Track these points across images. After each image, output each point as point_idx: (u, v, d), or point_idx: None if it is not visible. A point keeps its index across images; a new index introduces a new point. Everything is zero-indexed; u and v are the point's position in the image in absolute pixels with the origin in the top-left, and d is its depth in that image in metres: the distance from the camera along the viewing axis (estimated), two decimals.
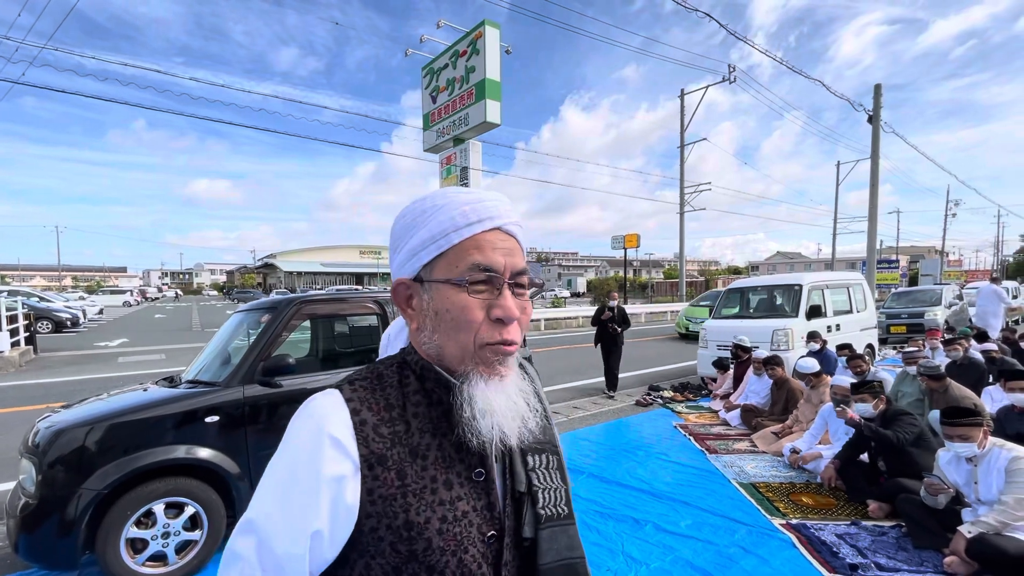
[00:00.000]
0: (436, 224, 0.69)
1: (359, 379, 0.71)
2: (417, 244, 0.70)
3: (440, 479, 0.66)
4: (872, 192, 16.82)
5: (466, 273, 0.67)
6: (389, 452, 0.65)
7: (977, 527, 2.78)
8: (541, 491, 0.74)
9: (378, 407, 0.68)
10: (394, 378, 0.72)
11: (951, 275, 34.76)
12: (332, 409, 0.66)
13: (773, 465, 4.57)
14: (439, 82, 16.04)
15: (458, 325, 0.67)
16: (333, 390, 0.69)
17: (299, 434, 0.65)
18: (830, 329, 7.87)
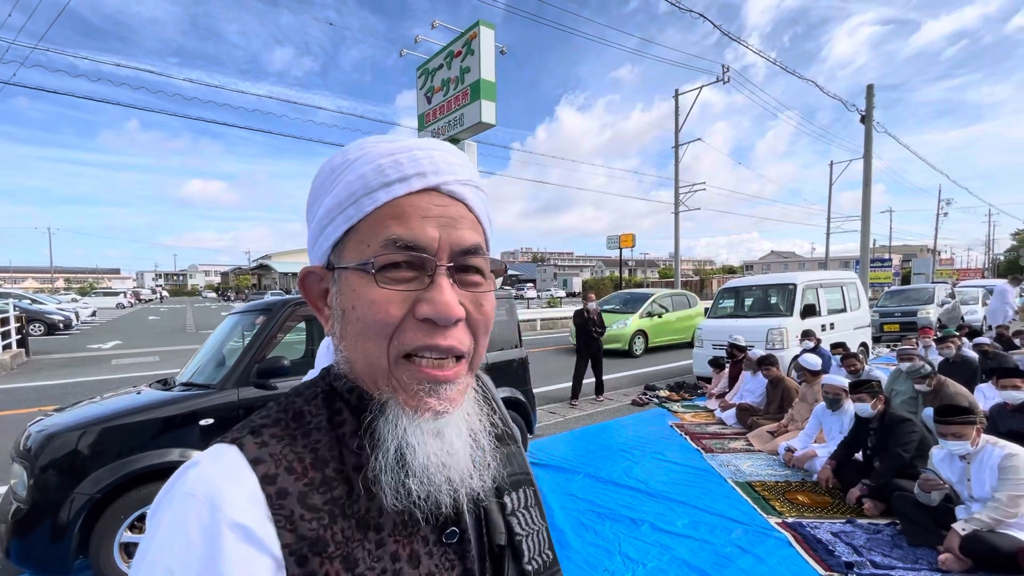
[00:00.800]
0: (344, 187, 0.49)
1: (267, 423, 0.49)
2: (323, 216, 0.50)
3: (403, 554, 0.47)
4: (865, 192, 16.93)
5: (382, 255, 0.47)
6: (328, 532, 0.44)
7: (971, 524, 2.80)
8: (525, 539, 0.57)
9: (303, 465, 0.46)
10: (320, 416, 0.50)
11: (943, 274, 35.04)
12: (229, 480, 0.43)
13: (769, 464, 4.59)
14: (434, 83, 16.02)
15: (364, 328, 0.47)
16: (226, 446, 0.46)
17: (178, 531, 0.41)
18: (824, 328, 7.92)
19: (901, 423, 3.72)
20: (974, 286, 16.57)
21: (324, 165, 0.53)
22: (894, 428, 3.72)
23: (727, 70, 20.11)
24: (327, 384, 0.53)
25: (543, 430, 5.75)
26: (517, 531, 0.57)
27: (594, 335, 7.16)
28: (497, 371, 4.49)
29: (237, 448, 0.46)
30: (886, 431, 3.75)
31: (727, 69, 20.13)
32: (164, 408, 2.95)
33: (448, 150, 0.52)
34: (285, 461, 0.46)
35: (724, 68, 20.21)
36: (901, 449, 3.58)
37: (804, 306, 7.72)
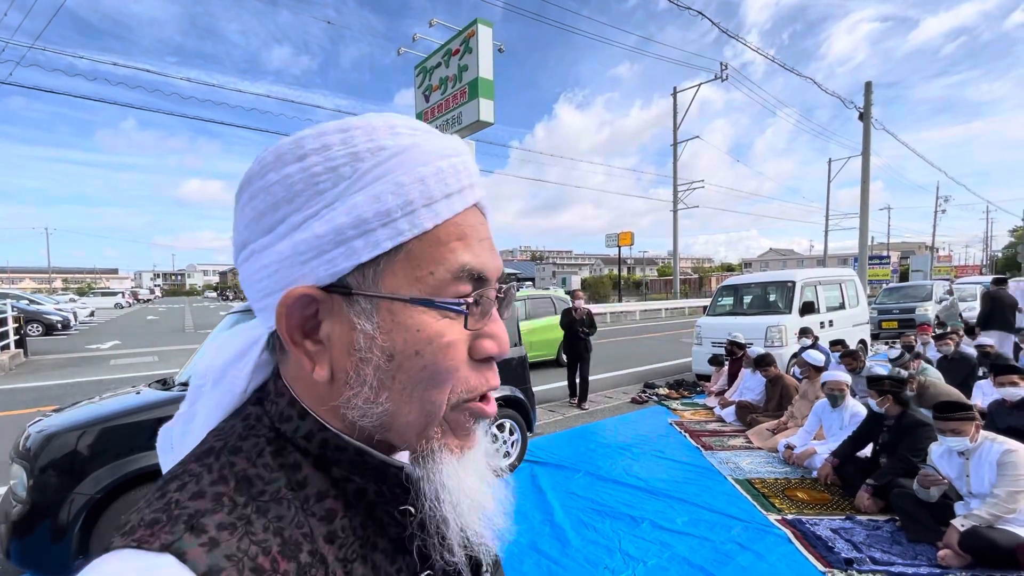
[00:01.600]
0: (391, 187, 0.38)
1: (205, 508, 0.35)
2: (349, 222, 0.37)
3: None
4: (863, 189, 16.96)
5: (450, 286, 0.40)
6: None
7: (970, 520, 2.81)
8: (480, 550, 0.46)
9: (270, 558, 0.35)
10: (277, 479, 0.38)
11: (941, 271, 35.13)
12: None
13: (768, 461, 4.60)
14: (432, 81, 16.01)
15: (433, 377, 0.39)
16: (154, 556, 0.32)
17: None
18: (823, 325, 7.94)
19: (920, 427, 3.58)
20: (972, 283, 16.61)
21: (328, 137, 0.39)
22: (911, 431, 3.62)
23: (725, 68, 20.12)
24: (270, 430, 0.41)
25: (543, 428, 5.76)
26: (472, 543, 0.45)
27: (581, 335, 6.80)
28: (497, 368, 4.49)
29: (176, 559, 0.32)
30: (903, 431, 3.67)
31: (725, 67, 20.15)
32: (164, 408, 2.95)
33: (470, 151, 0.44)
34: (248, 560, 0.34)
35: (722, 66, 20.22)
36: (911, 454, 3.50)
37: (803, 303, 7.73)
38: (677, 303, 25.92)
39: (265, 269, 0.40)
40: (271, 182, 0.39)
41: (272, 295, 0.40)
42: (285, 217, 0.39)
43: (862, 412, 4.30)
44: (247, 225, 0.41)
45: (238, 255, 0.43)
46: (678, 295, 27.84)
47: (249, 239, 0.41)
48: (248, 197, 0.40)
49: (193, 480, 0.37)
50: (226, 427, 0.42)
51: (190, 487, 0.36)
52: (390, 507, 0.42)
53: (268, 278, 0.40)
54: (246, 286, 0.43)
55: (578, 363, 6.80)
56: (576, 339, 6.78)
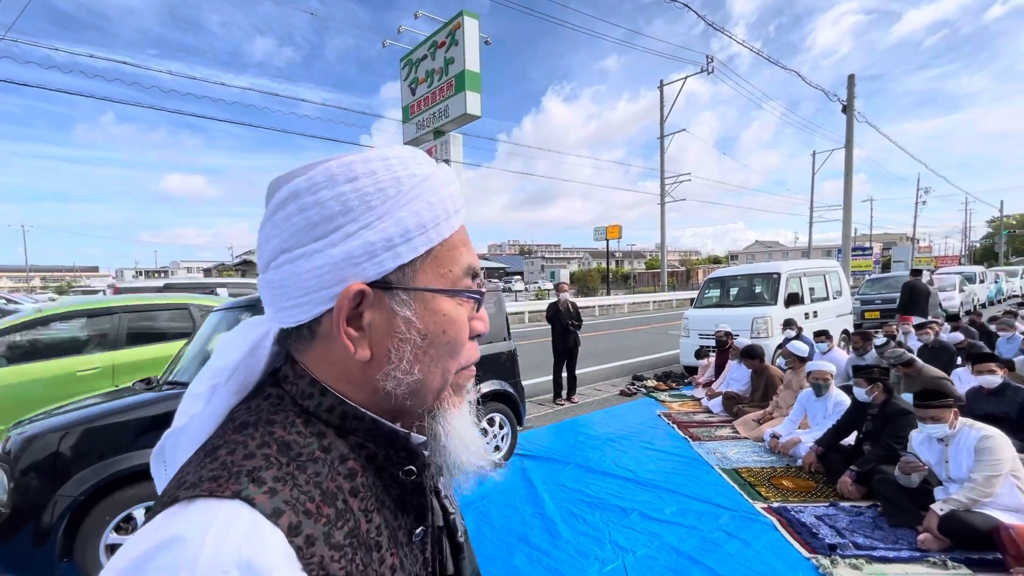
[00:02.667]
0: (426, 205, 0.49)
1: (259, 465, 0.43)
2: (397, 232, 0.48)
3: (397, 564, 0.50)
4: (847, 181, 17.20)
5: (464, 280, 0.53)
6: (352, 565, 0.43)
7: (949, 505, 2.88)
8: (456, 517, 0.64)
9: (315, 504, 0.43)
10: (311, 444, 0.47)
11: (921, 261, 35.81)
12: (258, 544, 0.38)
13: (754, 451, 4.67)
14: (418, 73, 15.89)
15: (453, 349, 0.52)
16: (229, 503, 0.40)
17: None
18: (808, 316, 8.05)
19: (903, 415, 3.65)
20: (951, 273, 16.96)
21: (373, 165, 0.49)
22: (894, 419, 3.69)
23: (711, 60, 20.20)
24: (294, 405, 0.49)
25: (533, 422, 5.79)
26: (450, 510, 0.64)
27: (570, 328, 6.69)
28: (486, 364, 4.50)
29: (246, 504, 0.40)
30: (885, 420, 3.74)
31: (711, 60, 20.23)
32: (149, 407, 2.91)
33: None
34: (300, 505, 0.42)
35: (708, 59, 20.30)
36: (894, 441, 3.57)
37: (788, 295, 7.84)
38: (665, 296, 26.13)
39: (316, 270, 0.47)
40: (325, 198, 0.47)
41: (315, 292, 0.47)
42: (340, 227, 0.47)
43: (846, 401, 4.38)
44: (295, 233, 0.48)
45: (273, 259, 0.49)
46: (666, 288, 28.06)
47: (294, 245, 0.48)
48: (298, 209, 0.47)
49: (240, 446, 0.45)
50: (251, 406, 0.49)
51: (240, 451, 0.44)
52: (395, 469, 0.52)
53: (316, 278, 0.47)
54: (279, 287, 0.49)
55: (565, 358, 6.75)
56: (565, 332, 6.69)
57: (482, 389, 4.39)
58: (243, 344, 0.51)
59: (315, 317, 0.49)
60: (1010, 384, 4.19)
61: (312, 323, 0.49)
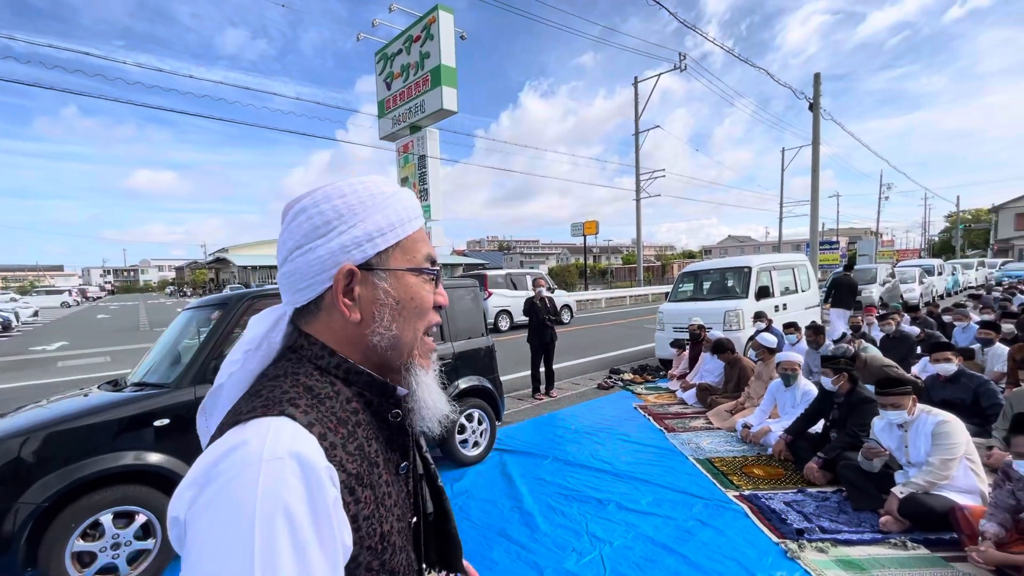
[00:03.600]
0: (393, 212, 0.69)
1: (295, 397, 0.60)
2: (374, 229, 0.67)
3: (390, 480, 0.67)
4: (814, 177, 17.67)
5: (424, 263, 0.71)
6: (361, 468, 0.61)
7: (908, 488, 3.02)
8: (435, 466, 0.88)
9: (334, 424, 0.61)
10: (327, 387, 0.64)
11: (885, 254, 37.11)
12: (303, 441, 0.54)
13: (727, 440, 4.80)
14: (393, 68, 15.68)
15: (420, 312, 0.70)
16: (275, 419, 0.56)
17: (276, 485, 0.50)
18: (777, 309, 8.27)
19: (867, 403, 3.78)
20: (912, 266, 17.63)
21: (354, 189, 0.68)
22: (858, 407, 3.83)
23: (684, 58, 20.47)
24: (314, 364, 0.66)
25: (512, 416, 5.82)
26: (430, 461, 0.86)
27: (547, 323, 6.75)
28: (465, 360, 4.50)
29: (289, 419, 0.56)
30: (851, 408, 3.88)
31: (684, 57, 20.50)
32: (115, 410, 2.83)
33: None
34: (325, 422, 0.60)
35: (681, 56, 20.57)
36: (858, 428, 3.70)
37: (758, 288, 8.04)
38: (641, 290, 26.47)
39: (319, 260, 0.65)
40: (324, 208, 0.66)
41: (319, 275, 0.66)
42: (335, 228, 0.66)
43: (813, 390, 4.53)
44: (304, 235, 0.66)
45: (289, 255, 0.67)
46: (642, 282, 28.41)
47: (303, 243, 0.66)
48: (305, 218, 0.67)
49: (278, 387, 0.62)
50: (278, 366, 0.67)
51: (277, 391, 0.61)
52: (385, 412, 0.69)
53: (319, 264, 0.65)
54: (293, 275, 0.67)
55: (542, 353, 6.79)
56: (542, 328, 6.73)
57: (460, 385, 4.40)
58: (267, 322, 0.69)
59: (320, 294, 0.66)
60: (965, 371, 4.40)
61: (317, 299, 0.67)
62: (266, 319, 0.70)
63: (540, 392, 6.82)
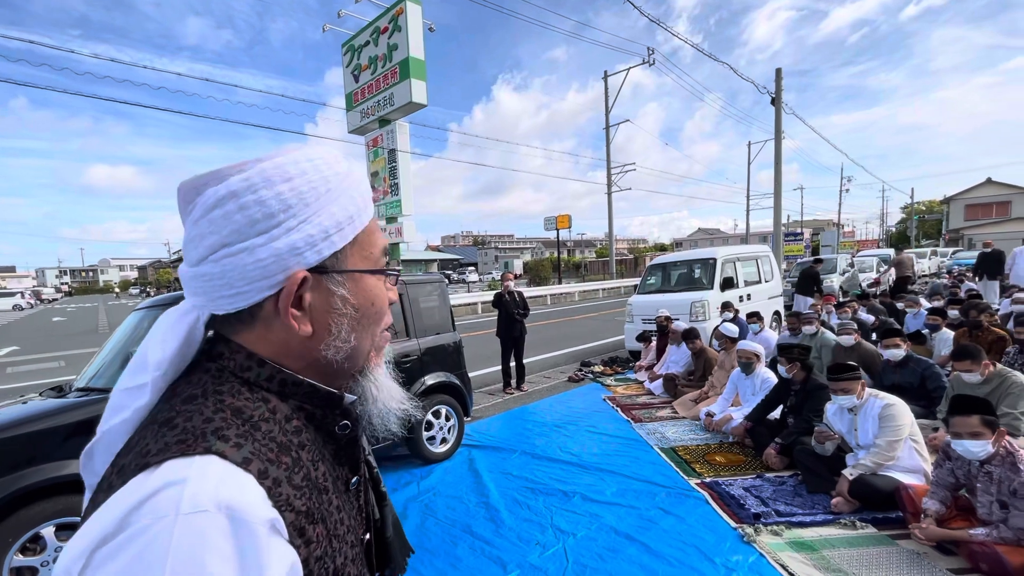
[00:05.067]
0: (349, 200, 0.57)
1: (220, 426, 0.49)
2: (330, 224, 0.55)
3: (343, 505, 0.58)
4: (776, 170, 18.16)
5: (381, 259, 0.62)
6: (311, 503, 0.51)
7: (857, 470, 3.14)
8: (379, 470, 0.79)
9: (275, 454, 0.50)
10: (260, 407, 0.53)
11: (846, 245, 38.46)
12: (234, 486, 0.44)
13: (691, 429, 4.90)
14: (361, 60, 15.36)
15: (379, 316, 0.62)
16: (200, 458, 0.45)
17: (202, 552, 0.39)
18: (741, 299, 8.48)
19: (821, 389, 3.90)
20: (870, 255, 18.33)
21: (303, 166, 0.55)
22: (813, 393, 3.96)
23: (652, 53, 20.70)
24: (238, 378, 0.54)
25: (482, 412, 5.81)
26: (373, 464, 0.77)
27: (516, 317, 6.70)
28: (432, 355, 4.46)
29: (217, 457, 0.45)
30: (807, 395, 4.01)
31: (652, 51, 20.72)
32: (58, 417, 2.70)
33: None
34: (264, 455, 0.49)
35: (649, 51, 20.79)
36: (813, 414, 3.83)
37: (723, 279, 8.22)
38: (614, 283, 26.79)
39: (259, 262, 0.52)
40: (265, 197, 0.52)
41: (258, 281, 0.53)
42: (281, 223, 0.53)
43: (772, 378, 4.66)
44: (237, 230, 0.52)
45: (210, 255, 0.53)
46: (614, 275, 28.76)
47: (235, 240, 0.52)
48: (237, 207, 0.52)
49: (196, 413, 0.49)
50: (193, 380, 0.54)
51: (196, 418, 0.49)
52: (331, 426, 0.60)
53: (260, 269, 0.52)
54: (219, 279, 0.53)
55: (512, 347, 6.78)
56: (511, 322, 6.71)
57: (427, 381, 4.36)
58: (177, 334, 0.55)
59: (257, 303, 0.54)
60: (913, 356, 4.59)
61: (252, 307, 0.54)
62: (176, 329, 0.55)
63: (511, 386, 6.82)
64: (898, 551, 2.67)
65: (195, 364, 0.56)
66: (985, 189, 43.65)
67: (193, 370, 0.56)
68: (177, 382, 0.55)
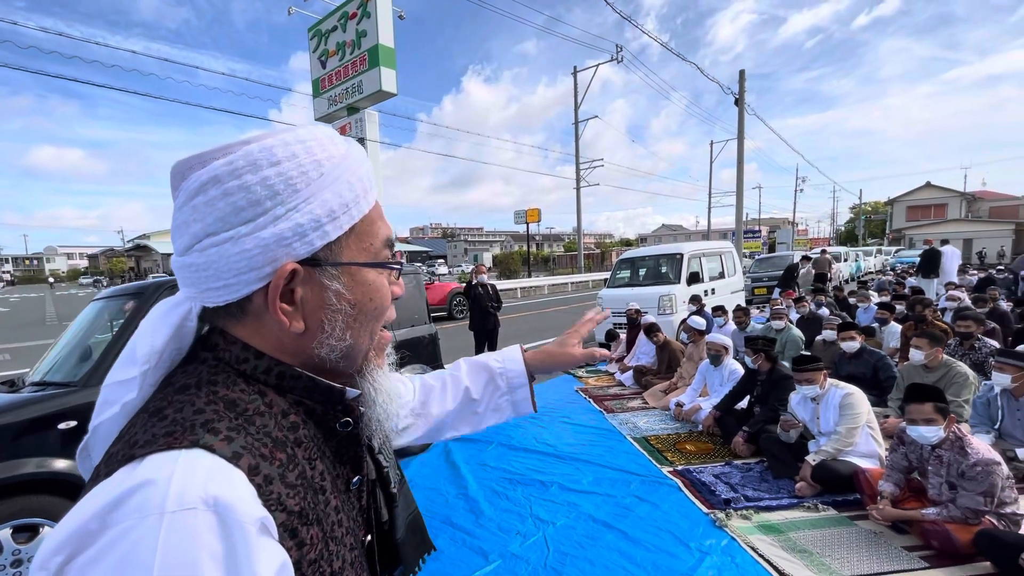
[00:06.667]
0: (346, 185, 0.52)
1: (211, 418, 0.46)
2: (322, 212, 0.51)
3: (341, 506, 0.55)
4: (739, 168, 18.77)
5: (384, 251, 0.57)
6: (305, 502, 0.48)
7: (819, 455, 3.31)
8: (390, 470, 0.73)
9: (269, 450, 0.47)
10: (256, 400, 0.50)
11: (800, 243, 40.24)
12: (222, 482, 0.41)
13: (662, 419, 5.04)
14: (328, 46, 14.90)
15: (379, 313, 0.57)
16: (187, 452, 0.42)
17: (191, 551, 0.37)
18: (706, 293, 8.76)
19: (786, 379, 4.08)
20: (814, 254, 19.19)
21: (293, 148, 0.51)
22: (779, 383, 4.13)
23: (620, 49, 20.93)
24: (235, 369, 0.52)
25: None
26: (383, 464, 0.72)
27: (490, 310, 6.70)
28: (407, 348, 4.42)
29: (206, 451, 0.43)
30: (772, 384, 4.18)
31: (620, 49, 20.95)
32: (11, 413, 2.54)
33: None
34: (256, 450, 0.46)
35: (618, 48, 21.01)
36: (778, 403, 4.01)
37: (690, 273, 8.46)
38: (582, 277, 27.12)
39: (245, 253, 0.49)
40: (250, 183, 0.48)
41: (246, 273, 0.49)
42: (268, 211, 0.49)
43: (740, 369, 4.85)
44: (221, 218, 0.49)
45: (196, 243, 0.50)
46: (583, 269, 29.11)
47: (220, 229, 0.49)
48: (221, 193, 0.48)
49: (187, 404, 0.47)
50: (188, 370, 0.52)
51: (187, 408, 0.46)
52: (332, 422, 0.57)
53: (247, 260, 0.49)
54: (205, 269, 0.50)
55: (486, 340, 6.78)
56: (485, 315, 6.70)
57: (403, 374, 4.31)
58: (167, 326, 0.53)
59: (246, 295, 0.51)
60: (866, 348, 4.87)
61: (242, 301, 0.51)
62: (166, 321, 0.53)
63: None
64: (857, 531, 2.84)
65: (193, 355, 0.54)
66: (925, 192, 46.47)
67: (190, 361, 0.53)
68: (173, 372, 0.53)
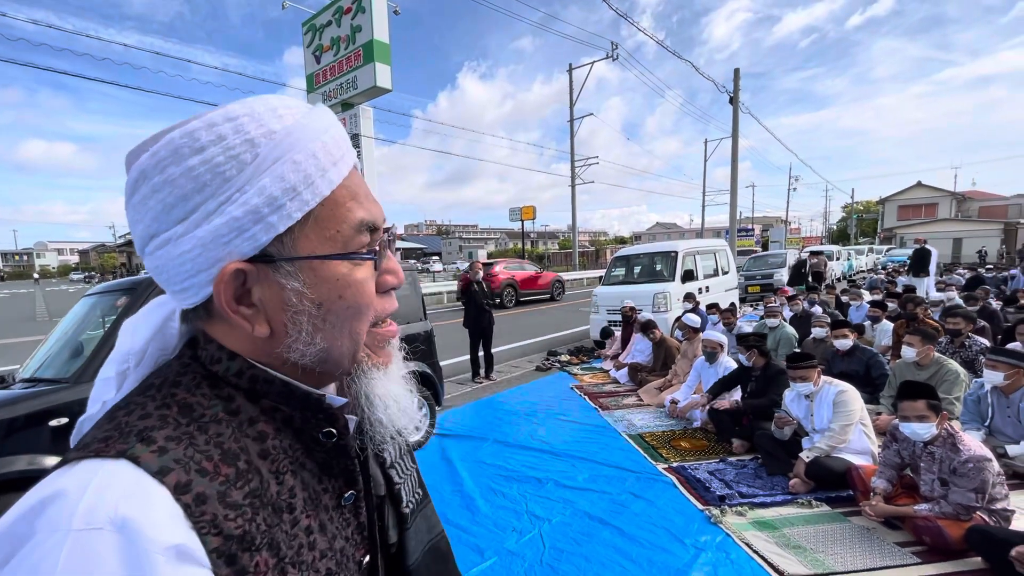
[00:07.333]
0: (291, 167, 0.44)
1: (152, 425, 0.42)
2: (262, 201, 0.43)
3: (315, 526, 0.48)
4: (733, 167, 18.84)
5: (356, 238, 0.48)
6: (252, 525, 0.42)
7: (813, 452, 3.34)
8: (403, 487, 0.63)
9: (213, 463, 0.42)
10: (215, 406, 0.46)
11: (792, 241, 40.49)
12: (138, 501, 0.37)
13: (656, 416, 5.06)
14: (322, 40, 14.80)
15: (356, 312, 0.49)
16: (112, 462, 0.39)
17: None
18: (701, 291, 8.79)
19: (781, 374, 4.09)
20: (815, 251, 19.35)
21: (224, 134, 0.43)
22: (775, 378, 4.17)
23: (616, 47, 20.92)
24: (203, 369, 0.48)
25: (453, 401, 5.80)
26: (396, 480, 0.63)
27: (485, 307, 6.65)
28: (404, 344, 4.40)
29: (129, 462, 0.39)
30: (768, 380, 4.22)
31: (616, 46, 20.95)
32: (1, 409, 2.51)
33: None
34: (194, 464, 0.41)
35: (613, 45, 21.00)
36: (776, 395, 4.05)
37: (684, 271, 8.49)
38: (577, 274, 27.14)
39: (186, 255, 0.44)
40: (174, 175, 0.42)
41: (195, 276, 0.45)
42: (198, 206, 0.43)
43: (734, 366, 4.87)
44: (156, 217, 0.44)
45: (145, 246, 0.46)
46: (577, 267, 29.14)
47: (159, 230, 0.44)
48: (150, 190, 0.43)
49: (139, 407, 0.44)
50: (161, 369, 0.49)
51: (136, 412, 0.43)
52: (314, 431, 0.50)
53: (190, 262, 0.44)
54: (161, 273, 0.47)
55: (480, 337, 6.76)
56: (480, 312, 6.67)
57: None
58: (149, 325, 0.50)
59: (208, 297, 0.46)
60: (859, 346, 4.91)
61: (207, 303, 0.47)
62: (149, 320, 0.50)
63: (480, 376, 6.83)
64: (850, 527, 2.87)
65: (180, 353, 0.51)
66: (916, 192, 46.84)
67: (178, 358, 0.51)
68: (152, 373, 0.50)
